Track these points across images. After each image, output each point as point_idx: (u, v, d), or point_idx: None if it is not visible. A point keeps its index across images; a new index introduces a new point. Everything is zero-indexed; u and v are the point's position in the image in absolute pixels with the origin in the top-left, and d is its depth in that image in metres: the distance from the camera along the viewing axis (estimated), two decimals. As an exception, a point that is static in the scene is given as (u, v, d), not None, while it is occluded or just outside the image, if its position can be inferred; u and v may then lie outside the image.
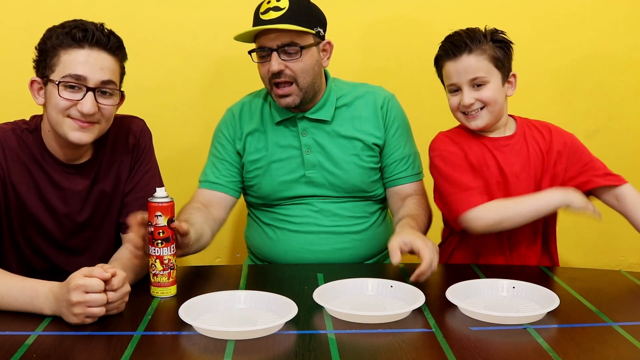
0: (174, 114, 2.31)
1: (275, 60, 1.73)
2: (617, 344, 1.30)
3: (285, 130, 1.87)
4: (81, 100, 1.50)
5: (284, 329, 1.32)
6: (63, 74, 1.50)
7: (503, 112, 1.77)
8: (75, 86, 1.50)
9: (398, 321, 1.38)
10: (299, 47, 1.74)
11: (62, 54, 1.50)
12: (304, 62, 1.76)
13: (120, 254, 1.60)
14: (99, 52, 1.51)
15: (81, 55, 1.50)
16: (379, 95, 1.89)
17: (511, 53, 1.75)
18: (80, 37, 1.49)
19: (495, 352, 1.25)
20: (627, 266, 2.45)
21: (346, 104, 1.88)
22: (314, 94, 1.82)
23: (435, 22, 2.35)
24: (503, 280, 1.56)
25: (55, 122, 1.53)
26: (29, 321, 1.35)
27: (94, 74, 1.50)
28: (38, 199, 1.58)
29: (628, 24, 2.41)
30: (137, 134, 1.72)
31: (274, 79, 1.76)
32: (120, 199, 1.68)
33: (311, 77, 1.78)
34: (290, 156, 1.85)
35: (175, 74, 2.30)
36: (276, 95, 1.78)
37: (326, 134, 1.85)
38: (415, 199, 1.87)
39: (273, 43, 1.74)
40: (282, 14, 1.71)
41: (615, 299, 1.60)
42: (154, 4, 2.26)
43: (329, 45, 1.84)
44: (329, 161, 1.85)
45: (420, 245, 1.55)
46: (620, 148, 2.46)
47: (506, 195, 1.74)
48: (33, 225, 1.60)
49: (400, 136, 1.89)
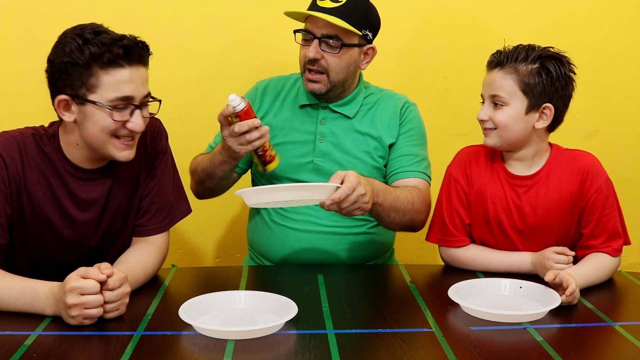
0: (174, 114, 2.31)
1: (314, 48, 1.76)
2: (617, 343, 1.30)
3: (305, 115, 1.89)
4: (131, 119, 1.46)
5: (284, 329, 1.32)
6: (109, 97, 1.42)
7: (526, 143, 1.66)
8: (123, 107, 1.45)
9: (398, 321, 1.38)
10: (341, 44, 1.76)
11: (101, 74, 1.41)
12: (341, 59, 1.78)
13: (127, 257, 1.58)
14: (138, 68, 1.46)
15: (125, 75, 1.43)
16: (401, 100, 1.91)
17: (558, 84, 1.62)
18: (121, 55, 1.41)
19: (495, 352, 1.25)
20: (627, 266, 2.45)
21: (370, 104, 1.90)
22: (342, 90, 1.85)
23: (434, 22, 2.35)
24: (506, 280, 1.56)
25: (99, 143, 1.48)
26: (28, 321, 1.35)
27: (139, 91, 1.47)
28: (55, 206, 1.54)
29: (628, 24, 2.41)
30: (154, 136, 1.66)
31: (308, 64, 1.79)
32: (138, 202, 1.64)
33: (344, 74, 1.81)
34: (304, 140, 1.87)
35: (175, 74, 2.30)
36: (306, 78, 1.81)
37: (344, 127, 1.87)
38: (409, 188, 1.78)
39: (318, 31, 1.76)
40: (337, 6, 1.73)
41: (615, 299, 1.60)
42: (154, 4, 2.26)
43: (372, 50, 1.86)
44: (340, 152, 1.85)
45: (347, 179, 1.51)
46: (620, 148, 2.46)
47: (501, 236, 1.71)
48: (48, 232, 1.56)
49: (411, 137, 1.88)
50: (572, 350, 1.25)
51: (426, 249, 2.22)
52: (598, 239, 1.66)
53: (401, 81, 2.35)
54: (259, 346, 1.26)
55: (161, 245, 1.65)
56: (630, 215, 2.43)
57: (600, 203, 1.66)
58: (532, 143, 1.67)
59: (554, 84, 1.62)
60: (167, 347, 1.26)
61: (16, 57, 2.19)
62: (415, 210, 1.75)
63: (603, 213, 1.66)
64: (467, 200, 1.73)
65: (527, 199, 1.68)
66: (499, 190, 1.70)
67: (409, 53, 2.37)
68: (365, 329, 1.34)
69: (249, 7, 2.29)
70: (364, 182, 1.54)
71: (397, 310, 1.47)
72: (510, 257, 1.69)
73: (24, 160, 1.50)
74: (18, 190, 1.50)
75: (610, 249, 1.65)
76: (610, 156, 2.43)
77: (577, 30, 2.39)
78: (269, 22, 2.27)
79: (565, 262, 1.59)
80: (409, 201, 1.73)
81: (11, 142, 1.50)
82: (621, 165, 2.47)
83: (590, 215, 1.66)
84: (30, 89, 2.05)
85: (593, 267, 1.62)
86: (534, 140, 1.67)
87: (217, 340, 1.27)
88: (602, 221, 1.66)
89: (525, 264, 1.66)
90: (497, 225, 1.71)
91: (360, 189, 1.51)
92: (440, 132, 2.35)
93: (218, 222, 2.41)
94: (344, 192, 1.48)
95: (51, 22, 1.58)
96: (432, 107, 2.37)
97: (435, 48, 2.38)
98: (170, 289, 1.57)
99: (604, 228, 1.66)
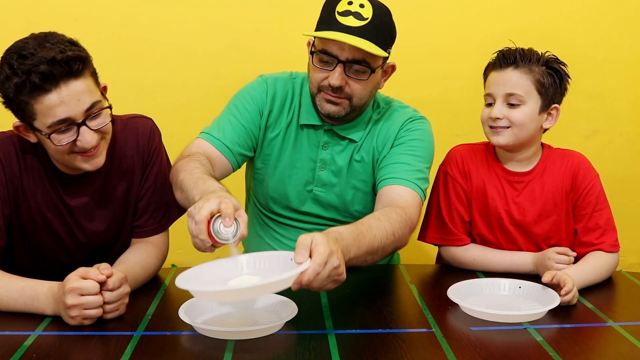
0: (174, 114, 2.31)
1: (339, 74, 1.55)
2: (617, 343, 1.30)
3: (305, 137, 1.71)
4: (79, 138, 1.39)
5: (284, 329, 1.32)
6: (46, 123, 1.36)
7: (531, 142, 1.68)
8: (65, 129, 1.38)
9: (398, 321, 1.38)
10: (369, 69, 1.56)
11: (33, 103, 1.35)
12: (367, 85, 1.59)
13: (127, 257, 1.58)
14: (67, 84, 1.35)
15: (53, 99, 1.34)
16: (405, 115, 1.72)
17: (564, 86, 1.67)
18: (40, 82, 1.32)
19: (495, 352, 1.25)
20: (627, 266, 2.46)
21: (376, 123, 1.71)
22: (360, 112, 1.67)
23: (433, 23, 2.35)
24: (505, 280, 1.56)
25: (63, 160, 1.46)
26: (28, 321, 1.35)
27: (75, 109, 1.37)
28: (52, 208, 1.54)
29: (628, 24, 2.41)
30: (146, 135, 1.63)
31: (328, 89, 1.58)
32: (134, 204, 1.63)
33: (366, 99, 1.63)
34: (303, 166, 1.72)
35: (175, 74, 2.30)
36: (324, 99, 1.60)
37: (347, 154, 1.70)
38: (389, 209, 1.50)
39: (343, 54, 1.54)
40: (364, 24, 1.51)
41: (615, 299, 1.60)
42: (154, 4, 2.26)
43: (392, 68, 1.68)
44: (341, 183, 1.71)
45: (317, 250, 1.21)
46: (620, 148, 2.47)
47: (503, 232, 1.72)
48: (48, 233, 1.56)
49: (410, 148, 1.67)
50: (572, 351, 1.25)
51: (426, 249, 2.22)
52: (593, 234, 1.67)
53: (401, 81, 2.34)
54: (259, 346, 1.26)
55: (161, 245, 1.65)
56: (630, 215, 2.45)
57: (593, 197, 1.68)
58: (535, 142, 1.70)
59: (561, 86, 1.67)
60: (167, 347, 1.26)
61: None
62: (397, 239, 1.48)
63: (596, 207, 1.68)
64: (467, 197, 1.73)
65: (525, 194, 1.70)
66: (497, 187, 1.72)
67: (409, 53, 2.37)
68: (365, 329, 1.34)
69: (249, 8, 2.29)
70: (334, 247, 1.23)
71: (397, 310, 1.47)
72: (511, 257, 1.69)
73: (21, 162, 1.50)
74: (16, 192, 1.50)
75: (606, 244, 1.66)
76: (610, 156, 2.44)
77: (577, 30, 2.39)
78: (269, 22, 2.28)
79: (567, 262, 1.60)
80: (388, 234, 1.44)
81: (7, 142, 1.49)
82: (621, 165, 2.48)
83: (583, 209, 1.69)
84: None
85: (591, 265, 1.62)
86: (536, 140, 1.70)
87: (217, 340, 1.27)
88: (595, 215, 1.68)
89: (526, 264, 1.66)
90: (497, 221, 1.71)
91: (333, 261, 1.22)
92: (440, 132, 2.34)
93: (218, 222, 2.41)
94: (313, 271, 1.19)
95: (51, 22, 1.57)
96: (432, 107, 2.37)
97: (435, 48, 2.38)
98: (170, 289, 1.57)
99: (597, 222, 1.68)
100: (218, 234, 1.24)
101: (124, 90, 1.85)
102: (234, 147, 1.67)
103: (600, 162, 1.83)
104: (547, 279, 1.47)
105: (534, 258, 1.66)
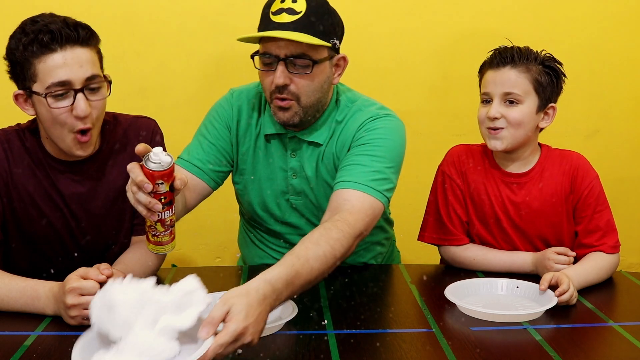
0: (174, 114, 2.31)
1: (281, 72, 1.52)
2: (617, 344, 1.30)
3: (272, 147, 1.68)
4: (73, 105, 1.44)
5: (284, 329, 1.32)
6: (46, 83, 1.42)
7: (528, 142, 1.68)
8: (62, 93, 1.43)
9: (398, 321, 1.38)
10: (311, 62, 1.52)
11: (36, 62, 1.42)
12: (313, 79, 1.55)
13: (127, 257, 1.59)
14: (73, 49, 1.43)
15: (57, 59, 1.41)
16: (366, 114, 1.63)
17: (560, 85, 1.67)
18: (48, 40, 1.41)
19: (495, 352, 1.25)
20: (627, 266, 2.45)
21: (340, 124, 1.65)
22: (314, 114, 1.61)
23: (433, 23, 2.35)
24: (502, 279, 1.56)
25: (57, 138, 1.48)
26: (28, 321, 1.35)
27: (76, 73, 1.43)
28: (45, 198, 1.55)
29: (628, 24, 2.41)
30: (149, 134, 1.65)
31: (276, 92, 1.55)
32: None
33: (317, 96, 1.57)
34: (275, 177, 1.69)
35: (175, 74, 2.30)
36: (275, 106, 1.57)
37: (315, 159, 1.66)
38: (329, 225, 1.38)
39: (281, 51, 1.52)
40: (297, 18, 1.50)
41: (615, 299, 1.60)
42: (154, 4, 2.26)
43: (344, 60, 1.63)
44: (313, 189, 1.68)
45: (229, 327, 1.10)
46: (620, 148, 2.46)
47: (499, 233, 1.72)
48: (44, 227, 1.57)
49: (366, 149, 1.57)
50: (572, 351, 1.25)
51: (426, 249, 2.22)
52: (593, 236, 1.67)
53: (401, 82, 2.35)
54: (259, 346, 1.25)
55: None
56: (630, 215, 2.45)
57: (593, 199, 1.68)
58: (531, 142, 1.69)
59: (558, 85, 1.66)
60: (167, 347, 1.26)
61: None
62: (339, 257, 1.36)
63: (596, 209, 1.68)
64: (464, 198, 1.73)
65: (523, 196, 1.69)
66: (494, 188, 1.71)
67: (409, 53, 2.37)
68: (365, 329, 1.34)
69: (249, 8, 2.29)
70: (251, 320, 1.12)
71: (397, 310, 1.47)
72: (510, 257, 1.69)
73: (9, 156, 1.52)
74: (6, 186, 1.52)
75: (607, 246, 1.66)
76: (610, 156, 2.44)
77: (576, 30, 2.39)
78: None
79: (566, 262, 1.60)
80: (328, 259, 1.32)
81: None
82: (621, 165, 2.47)
83: (583, 211, 1.68)
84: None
85: (591, 266, 1.62)
86: (533, 140, 1.69)
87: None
88: (595, 217, 1.68)
89: (526, 264, 1.66)
90: (495, 222, 1.71)
91: (245, 338, 1.12)
92: (440, 132, 2.35)
93: (218, 222, 2.41)
94: (213, 352, 1.07)
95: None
96: (432, 107, 2.38)
97: (435, 48, 2.38)
98: (170, 289, 1.57)
99: (597, 224, 1.67)
100: (148, 162, 1.23)
101: (124, 90, 1.85)
102: (205, 166, 1.65)
103: (600, 162, 1.83)
104: (544, 287, 1.47)
105: (534, 258, 1.66)
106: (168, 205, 1.28)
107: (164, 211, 1.28)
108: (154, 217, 1.27)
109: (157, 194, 1.26)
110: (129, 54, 2.27)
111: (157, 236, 1.32)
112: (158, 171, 1.23)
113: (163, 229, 1.31)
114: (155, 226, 1.30)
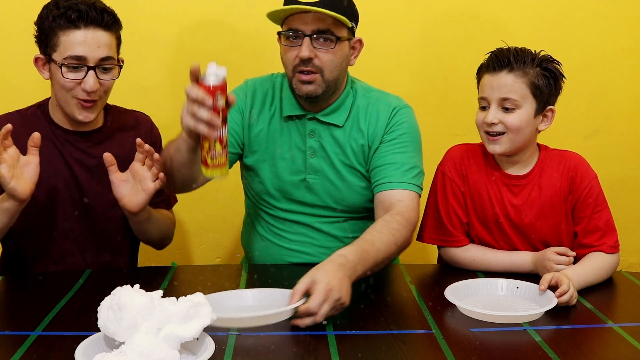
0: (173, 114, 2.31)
1: (307, 47, 1.61)
2: (617, 344, 1.30)
3: (292, 127, 1.76)
4: (84, 79, 1.59)
5: (284, 329, 1.32)
6: (64, 55, 1.58)
7: (528, 145, 1.68)
8: (77, 66, 1.58)
9: (398, 322, 1.38)
10: (335, 37, 1.63)
11: (60, 34, 1.57)
12: (335, 55, 1.64)
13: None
14: (95, 30, 1.59)
15: (78, 36, 1.57)
16: (391, 104, 1.76)
17: (559, 86, 1.66)
18: (74, 17, 1.56)
19: (495, 353, 1.25)
20: (627, 266, 2.45)
21: (359, 108, 1.76)
22: (334, 90, 1.71)
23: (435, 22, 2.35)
24: (502, 280, 1.56)
25: (63, 102, 1.63)
26: (28, 321, 1.35)
27: (93, 52, 1.58)
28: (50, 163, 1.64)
29: (628, 24, 2.41)
30: (148, 126, 1.81)
31: (300, 66, 1.64)
32: None
33: (338, 72, 1.67)
34: (294, 156, 1.76)
35: (175, 74, 2.30)
36: (299, 80, 1.65)
37: (334, 139, 1.75)
38: (389, 218, 1.59)
39: (307, 27, 1.61)
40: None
41: (614, 300, 1.60)
42: (154, 4, 2.26)
43: (360, 43, 1.74)
44: (332, 168, 1.75)
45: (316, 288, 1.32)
46: (620, 148, 2.46)
47: (500, 234, 1.72)
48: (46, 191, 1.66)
49: (400, 144, 1.72)
50: (571, 352, 1.25)
51: (426, 249, 2.22)
52: (593, 236, 1.67)
53: (401, 81, 2.35)
54: (259, 346, 1.26)
55: (171, 215, 1.84)
56: (630, 215, 2.45)
57: (592, 199, 1.68)
58: (531, 145, 1.69)
59: (556, 86, 1.65)
60: (167, 348, 1.26)
61: (16, 57, 2.19)
62: (400, 246, 1.57)
63: (595, 209, 1.68)
64: (464, 199, 1.73)
65: (523, 197, 1.69)
66: (495, 189, 1.71)
67: (409, 53, 2.37)
68: (365, 330, 1.34)
69: (249, 7, 2.28)
70: (335, 282, 1.33)
71: (397, 311, 1.47)
72: (510, 257, 1.69)
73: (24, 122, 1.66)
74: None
75: (606, 246, 1.66)
76: (610, 156, 2.44)
77: (577, 30, 2.39)
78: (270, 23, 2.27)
79: (566, 262, 1.60)
80: (390, 245, 1.53)
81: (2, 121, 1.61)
82: (621, 165, 2.47)
83: (582, 211, 1.68)
84: (30, 89, 2.05)
85: (590, 266, 1.62)
86: (532, 142, 1.69)
87: (217, 340, 1.27)
88: (594, 217, 1.68)
89: (526, 264, 1.66)
90: (495, 224, 1.71)
91: (334, 295, 1.32)
92: (440, 132, 2.35)
93: (218, 222, 2.41)
94: (316, 304, 1.30)
95: (51, 22, 1.59)
96: (432, 107, 2.38)
97: (435, 48, 2.37)
98: (170, 288, 1.57)
99: (597, 224, 1.67)
100: (207, 78, 1.33)
101: (124, 90, 1.85)
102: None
103: (600, 162, 1.84)
104: (544, 287, 1.47)
105: (534, 258, 1.66)
106: (224, 122, 1.35)
107: (222, 128, 1.34)
108: (215, 134, 1.33)
109: (215, 109, 1.32)
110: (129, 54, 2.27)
111: (216, 157, 1.36)
112: (217, 85, 1.32)
113: (221, 148, 1.36)
114: (215, 146, 1.35)
